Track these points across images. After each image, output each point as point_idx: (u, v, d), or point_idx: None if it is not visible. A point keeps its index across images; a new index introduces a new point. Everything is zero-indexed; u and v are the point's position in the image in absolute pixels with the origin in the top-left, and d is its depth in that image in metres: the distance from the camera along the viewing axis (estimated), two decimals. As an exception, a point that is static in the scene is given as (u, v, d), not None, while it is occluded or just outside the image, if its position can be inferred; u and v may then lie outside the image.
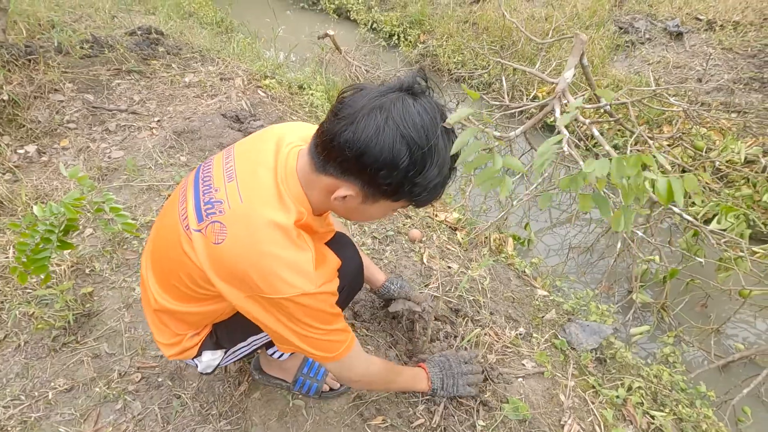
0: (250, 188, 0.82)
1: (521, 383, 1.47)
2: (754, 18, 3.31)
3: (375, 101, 0.74)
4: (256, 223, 0.78)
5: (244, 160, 0.88)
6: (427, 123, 0.75)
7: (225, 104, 2.53)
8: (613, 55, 3.34)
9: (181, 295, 0.93)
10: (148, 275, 1.00)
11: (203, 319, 1.00)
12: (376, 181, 0.77)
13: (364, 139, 0.72)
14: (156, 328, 1.03)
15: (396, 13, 4.51)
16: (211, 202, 0.83)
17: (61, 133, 2.21)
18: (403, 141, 0.73)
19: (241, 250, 0.78)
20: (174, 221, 0.90)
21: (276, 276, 0.76)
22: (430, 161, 0.76)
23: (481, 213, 2.58)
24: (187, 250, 0.84)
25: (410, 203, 0.85)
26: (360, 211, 0.87)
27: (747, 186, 2.49)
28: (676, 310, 2.08)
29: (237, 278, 0.79)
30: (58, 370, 1.36)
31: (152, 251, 1.01)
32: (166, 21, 3.56)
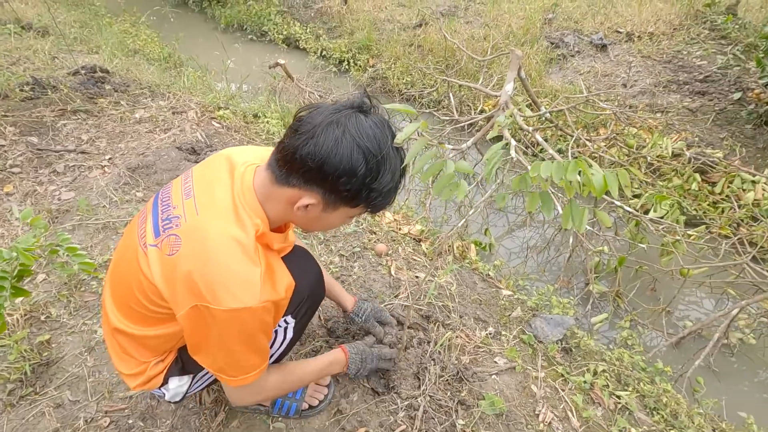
0: (207, 203, 0.86)
1: (495, 380, 1.53)
2: (666, 29, 3.69)
3: (331, 117, 0.81)
4: (210, 235, 0.81)
5: (200, 178, 0.92)
6: (379, 135, 0.83)
7: (179, 137, 2.51)
8: (548, 68, 3.61)
9: (139, 317, 0.93)
10: (107, 299, 1.00)
11: (164, 343, 0.99)
12: (337, 188, 0.83)
13: (324, 151, 0.78)
14: (118, 357, 1.02)
15: (344, 40, 4.66)
16: (169, 218, 0.86)
17: (4, 178, 2.11)
18: (359, 151, 0.80)
19: (194, 260, 0.80)
20: (133, 242, 0.92)
21: (223, 287, 0.79)
22: (383, 168, 0.84)
23: (443, 223, 2.67)
24: (143, 267, 0.86)
25: (366, 209, 0.92)
26: (320, 220, 0.92)
27: (677, 177, 2.73)
28: (629, 296, 2.24)
29: (186, 287, 0.80)
30: (16, 426, 1.28)
31: (111, 275, 1.01)
32: (110, 59, 3.50)
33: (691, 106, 3.00)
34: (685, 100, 3.05)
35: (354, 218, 0.97)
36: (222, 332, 0.82)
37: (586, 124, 3.10)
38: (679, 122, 2.95)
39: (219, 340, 0.83)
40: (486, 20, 4.31)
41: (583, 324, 2.16)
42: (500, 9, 4.43)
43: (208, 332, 0.83)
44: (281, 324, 1.07)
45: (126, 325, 0.95)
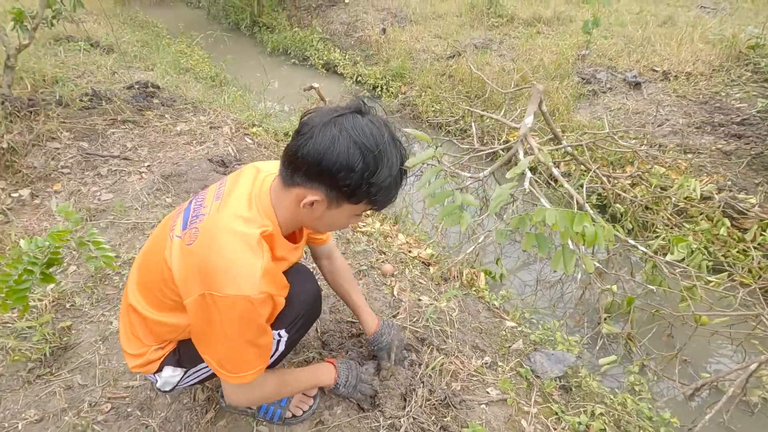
0: (227, 203, 0.95)
1: (484, 409, 1.51)
2: (704, 69, 3.61)
3: (329, 117, 0.88)
4: (221, 228, 0.90)
5: (231, 185, 1.02)
6: (375, 131, 0.88)
7: (212, 150, 2.69)
8: (577, 103, 3.60)
9: (153, 300, 1.03)
10: (132, 276, 1.11)
11: (167, 332, 1.07)
12: (337, 184, 0.88)
13: (322, 148, 0.85)
14: (126, 336, 1.12)
15: (379, 67, 4.85)
16: (197, 215, 0.97)
17: (55, 177, 2.34)
18: (356, 146, 0.85)
19: (204, 249, 0.89)
20: (165, 233, 1.02)
21: (225, 274, 0.86)
22: (381, 163, 0.89)
23: (455, 249, 2.68)
24: (166, 255, 0.96)
25: (369, 206, 0.96)
26: (326, 218, 0.97)
27: (705, 221, 2.62)
28: (642, 341, 2.14)
29: (196, 275, 0.89)
30: (30, 402, 1.39)
31: (140, 259, 1.12)
32: (163, 76, 3.83)
33: (725, 148, 2.90)
34: (720, 142, 2.95)
35: (358, 216, 1.01)
36: (223, 320, 0.88)
37: (612, 161, 3.05)
38: (711, 165, 2.85)
39: (220, 329, 0.90)
40: (518, 54, 4.37)
41: (590, 365, 2.09)
42: (533, 44, 4.48)
43: (210, 321, 0.89)
44: (275, 336, 1.12)
45: (140, 304, 1.05)
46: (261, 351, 0.97)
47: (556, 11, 5.33)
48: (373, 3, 6.23)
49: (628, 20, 4.90)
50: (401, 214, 2.78)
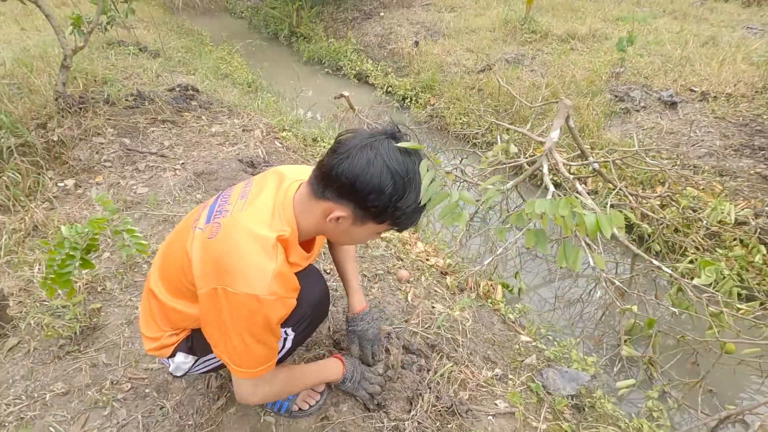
0: (251, 205, 1.01)
1: (490, 421, 1.49)
2: (746, 91, 3.48)
3: (366, 141, 0.93)
4: (242, 228, 0.95)
5: (257, 186, 1.08)
6: (407, 159, 0.93)
7: (243, 151, 2.81)
8: (608, 121, 3.54)
9: (172, 287, 1.09)
10: (154, 266, 1.18)
11: (182, 319, 1.13)
12: (366, 204, 0.93)
13: (358, 169, 0.90)
14: (144, 319, 1.18)
15: (410, 78, 4.92)
16: (221, 211, 1.03)
17: (98, 170, 2.50)
18: (388, 172, 0.90)
19: (223, 246, 0.94)
20: (188, 224, 1.09)
21: (240, 272, 0.91)
22: (409, 189, 0.94)
23: (474, 261, 2.67)
24: (188, 245, 1.02)
25: (392, 227, 1.01)
26: (349, 233, 1.02)
27: (740, 247, 2.51)
28: (665, 367, 2.06)
29: (211, 267, 0.94)
30: (58, 375, 1.49)
31: (164, 247, 1.19)
32: (203, 80, 4.03)
33: (765, 172, 2.78)
34: (759, 166, 2.83)
35: (379, 234, 1.06)
36: (233, 316, 0.93)
37: (642, 181, 2.97)
38: (749, 189, 2.74)
39: (230, 324, 0.94)
40: (550, 70, 4.35)
41: (606, 387, 2.02)
42: (566, 60, 4.44)
43: (220, 313, 0.94)
44: (281, 335, 1.15)
45: (159, 290, 1.12)
46: (268, 349, 1.00)
47: (591, 28, 5.28)
48: (407, 17, 6.35)
49: (667, 39, 4.79)
50: (421, 222, 2.80)
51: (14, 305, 1.70)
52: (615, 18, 5.80)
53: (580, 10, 6.18)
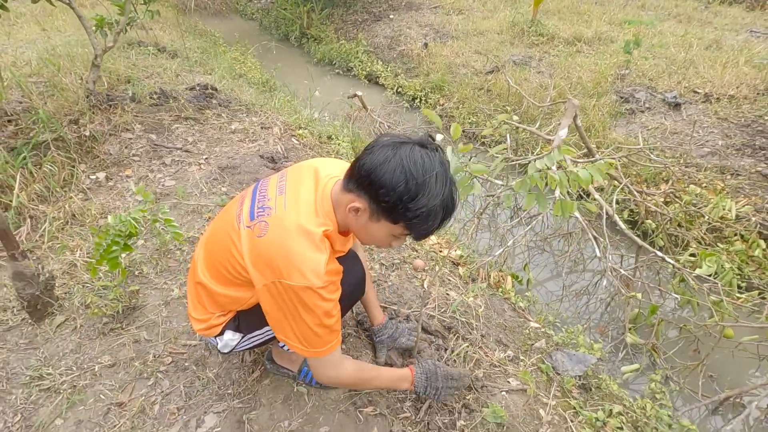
0: (294, 201, 1.09)
1: (504, 396, 1.61)
2: (749, 92, 3.58)
3: (392, 141, 1.01)
4: (291, 225, 1.04)
5: (292, 180, 1.16)
6: (426, 164, 0.97)
7: (263, 147, 2.93)
8: (613, 121, 3.64)
9: (221, 277, 1.18)
10: (199, 256, 1.28)
11: (231, 303, 1.23)
12: (378, 198, 0.98)
13: (375, 164, 0.98)
14: (193, 304, 1.29)
15: (419, 79, 5.04)
16: (263, 207, 1.10)
17: (127, 164, 2.63)
18: (402, 170, 0.96)
19: (275, 244, 1.03)
20: (230, 218, 1.17)
21: (295, 267, 1.00)
22: (421, 192, 0.96)
23: (485, 254, 2.78)
24: (235, 240, 1.11)
25: (406, 231, 1.05)
26: (367, 229, 1.08)
27: (741, 242, 2.62)
28: (668, 353, 2.17)
29: (265, 264, 1.03)
30: (104, 350, 1.61)
31: (207, 239, 1.28)
32: (220, 80, 4.16)
33: (765, 171, 2.88)
34: (760, 165, 2.93)
35: (397, 239, 1.10)
36: (293, 305, 1.02)
37: (646, 179, 3.08)
38: (750, 187, 2.84)
39: (291, 312, 1.03)
40: (557, 71, 4.46)
41: (611, 371, 2.13)
42: (573, 62, 4.55)
43: (280, 304, 1.04)
44: None
45: (208, 280, 1.21)
46: (327, 329, 1.08)
47: (597, 31, 5.38)
48: (416, 19, 6.47)
49: (672, 42, 4.89)
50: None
51: (59, 286, 1.83)
52: (620, 21, 5.91)
53: (586, 14, 6.29)
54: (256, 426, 1.38)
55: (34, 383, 1.47)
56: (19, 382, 1.48)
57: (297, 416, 1.41)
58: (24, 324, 1.69)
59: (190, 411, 1.42)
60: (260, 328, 1.28)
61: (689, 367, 2.01)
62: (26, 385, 1.47)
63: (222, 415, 1.40)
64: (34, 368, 1.52)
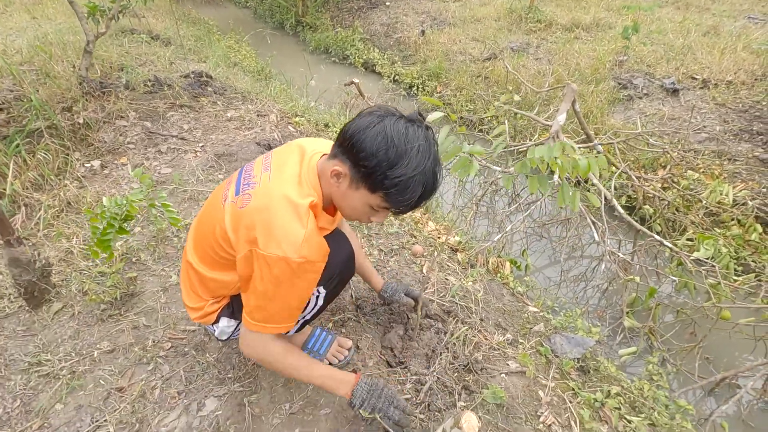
0: (278, 175, 1.08)
1: (503, 377, 1.61)
2: (746, 78, 3.57)
3: (380, 111, 1.01)
4: (274, 196, 1.02)
5: (277, 158, 1.15)
6: (410, 135, 0.96)
7: (259, 135, 2.91)
8: (611, 108, 3.63)
9: (209, 259, 1.18)
10: (189, 242, 1.27)
11: (220, 287, 1.22)
12: (358, 164, 0.98)
13: (359, 128, 0.98)
14: (186, 291, 1.28)
15: (416, 67, 5.00)
16: (248, 184, 1.10)
17: (122, 152, 2.60)
18: (384, 137, 0.95)
19: (256, 213, 1.01)
20: (217, 201, 1.17)
21: (272, 236, 0.98)
22: (401, 161, 0.95)
23: (483, 240, 2.78)
24: (220, 218, 1.10)
25: (385, 202, 1.01)
26: (346, 197, 1.05)
27: (737, 226, 2.63)
28: (665, 336, 2.18)
29: (246, 232, 1.01)
30: (103, 336, 1.61)
31: (196, 223, 1.28)
32: (215, 68, 4.11)
33: (762, 156, 2.88)
34: (757, 150, 2.93)
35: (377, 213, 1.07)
36: (263, 276, 1.01)
37: (644, 165, 3.08)
38: (747, 172, 2.84)
39: (259, 282, 1.02)
40: (555, 58, 4.43)
41: (609, 354, 2.15)
42: (571, 48, 4.52)
43: (251, 272, 1.03)
44: (314, 292, 1.25)
45: (197, 263, 1.21)
46: (287, 313, 1.07)
47: (595, 17, 5.34)
48: (413, 6, 6.40)
49: (670, 28, 4.86)
50: (431, 204, 2.91)
51: (55, 273, 1.81)
52: (619, 7, 5.86)
53: (584, 0, 6.24)
54: (257, 409, 1.38)
55: (33, 369, 1.47)
56: (17, 368, 1.47)
57: (298, 399, 1.41)
58: (21, 311, 1.67)
59: (191, 395, 1.42)
60: None
61: (686, 350, 2.03)
62: (25, 371, 1.47)
63: (223, 399, 1.41)
64: (33, 354, 1.51)
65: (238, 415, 1.36)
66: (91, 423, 1.32)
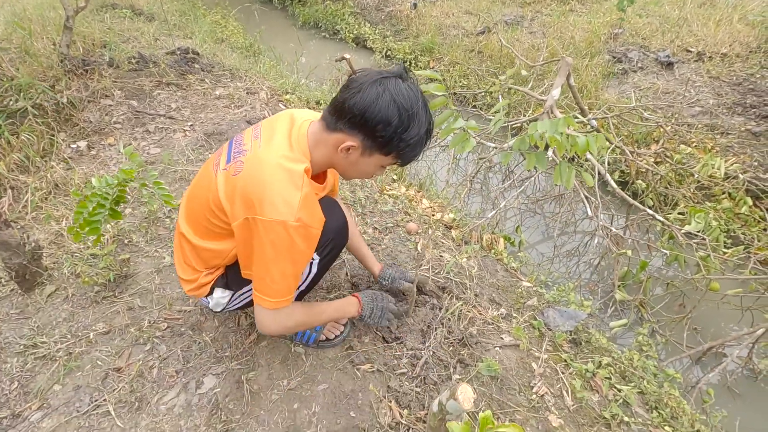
0: (268, 142, 1.08)
1: (497, 351, 1.64)
2: (741, 50, 3.54)
3: (376, 77, 1.01)
4: (267, 161, 1.03)
5: (267, 127, 1.15)
6: (412, 96, 1.02)
7: (250, 113, 2.85)
8: (605, 82, 3.60)
9: (202, 229, 1.18)
10: (181, 215, 1.27)
11: (214, 257, 1.22)
12: (374, 134, 1.02)
13: (368, 102, 0.99)
14: (179, 264, 1.28)
15: (409, 42, 4.90)
16: (239, 152, 1.10)
17: (109, 132, 2.54)
18: (394, 105, 0.99)
19: (250, 179, 1.02)
20: (208, 171, 1.17)
21: (269, 201, 0.99)
22: (413, 122, 1.03)
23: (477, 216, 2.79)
24: (212, 187, 1.10)
25: (395, 160, 1.09)
26: (357, 165, 1.10)
27: (728, 200, 2.65)
28: (655, 308, 2.23)
29: (241, 199, 1.02)
30: (98, 317, 1.60)
31: (188, 195, 1.27)
32: (201, 44, 3.99)
33: (755, 129, 2.89)
34: (750, 123, 2.94)
35: (382, 168, 1.15)
36: (262, 243, 1.02)
37: (638, 140, 3.07)
38: (739, 145, 2.85)
39: (258, 250, 1.03)
40: (549, 31, 4.35)
41: (601, 326, 2.19)
42: (565, 21, 4.44)
43: (251, 242, 1.04)
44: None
45: (190, 234, 1.21)
46: (289, 280, 1.09)
47: (591, -11, 5.23)
48: (404, -22, 6.21)
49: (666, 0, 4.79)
50: (425, 182, 2.90)
51: (46, 256, 1.79)
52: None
53: (579, -29, 6.08)
54: (256, 385, 1.40)
55: (29, 351, 1.47)
56: (13, 351, 1.47)
57: (295, 375, 1.43)
58: (14, 294, 1.66)
59: (189, 374, 1.43)
60: (249, 284, 1.27)
61: (675, 321, 2.08)
62: (21, 353, 1.46)
63: (221, 377, 1.42)
64: (28, 337, 1.51)
65: (236, 392, 1.38)
66: (90, 402, 1.33)
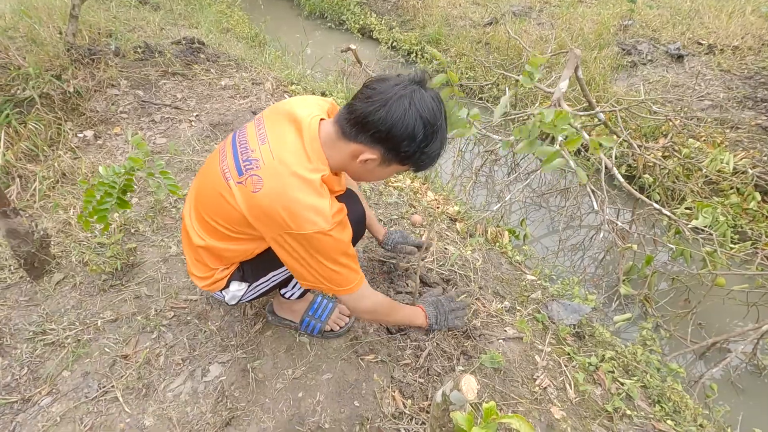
0: (280, 149, 1.04)
1: (500, 343, 1.65)
2: (753, 43, 3.48)
3: (400, 91, 0.99)
4: (287, 175, 1.01)
5: (273, 128, 1.11)
6: (436, 108, 1.02)
7: (255, 104, 2.85)
8: (614, 74, 3.56)
9: (220, 235, 1.15)
10: (191, 218, 1.23)
11: (235, 256, 1.21)
12: (397, 149, 1.02)
13: (395, 119, 0.98)
14: (193, 263, 1.26)
15: (415, 33, 4.85)
16: (249, 160, 1.06)
17: (115, 121, 2.55)
18: (420, 120, 0.99)
19: (275, 196, 1.00)
20: (216, 174, 1.12)
21: (301, 216, 0.99)
22: (436, 136, 1.04)
23: (482, 209, 2.79)
24: (228, 198, 1.07)
25: (412, 167, 1.11)
26: (373, 173, 1.12)
27: (736, 195, 2.63)
28: (659, 302, 2.23)
29: (271, 219, 1.01)
30: (105, 305, 1.62)
31: (195, 198, 1.23)
32: (207, 34, 3.97)
33: (765, 124, 2.85)
34: (760, 118, 2.90)
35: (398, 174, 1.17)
36: (309, 252, 1.03)
37: (645, 133, 3.04)
38: (749, 140, 2.82)
39: (310, 258, 1.04)
40: (558, 22, 4.29)
41: (604, 320, 2.19)
42: (575, 12, 4.38)
43: (296, 254, 1.05)
44: None
45: (206, 240, 1.18)
46: (348, 267, 1.11)
47: (601, -20, 5.14)
48: (411, -32, 6.14)
49: (678, -9, 4.70)
50: (431, 174, 2.89)
51: (54, 244, 1.81)
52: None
53: (589, -39, 5.98)
54: (261, 374, 1.41)
55: (38, 338, 1.49)
56: (23, 338, 1.49)
57: (300, 364, 1.44)
58: (23, 282, 1.68)
59: (195, 362, 1.45)
60: (266, 275, 1.28)
61: (679, 316, 2.07)
62: (30, 340, 1.49)
63: (227, 365, 1.44)
64: (37, 324, 1.53)
65: (242, 380, 1.39)
66: (98, 389, 1.35)
